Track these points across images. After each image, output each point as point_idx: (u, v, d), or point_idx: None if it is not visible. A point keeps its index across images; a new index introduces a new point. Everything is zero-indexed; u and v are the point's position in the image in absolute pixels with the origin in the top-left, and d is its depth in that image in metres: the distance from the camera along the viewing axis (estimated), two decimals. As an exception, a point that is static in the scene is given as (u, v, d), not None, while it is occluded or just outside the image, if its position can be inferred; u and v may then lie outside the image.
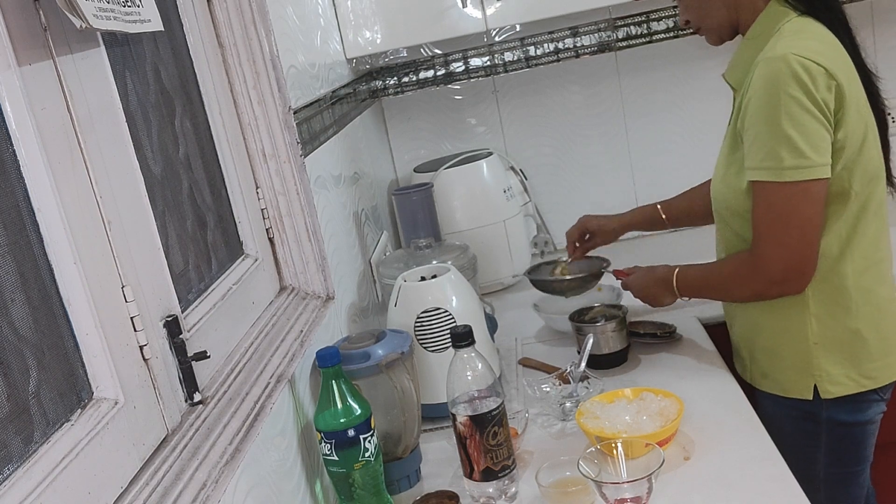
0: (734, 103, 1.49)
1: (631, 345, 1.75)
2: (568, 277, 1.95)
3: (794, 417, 1.51)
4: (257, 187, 1.43)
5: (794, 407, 1.50)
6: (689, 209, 1.85)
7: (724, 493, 1.24)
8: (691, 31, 1.55)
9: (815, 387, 1.46)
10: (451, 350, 1.32)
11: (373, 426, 1.25)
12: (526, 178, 2.53)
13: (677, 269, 1.59)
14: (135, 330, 0.94)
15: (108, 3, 0.88)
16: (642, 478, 1.16)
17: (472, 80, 2.54)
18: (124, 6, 0.92)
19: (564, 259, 2.01)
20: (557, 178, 2.61)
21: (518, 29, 2.49)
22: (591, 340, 1.64)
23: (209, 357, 1.06)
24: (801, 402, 1.49)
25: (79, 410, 0.86)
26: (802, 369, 1.47)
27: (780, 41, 1.36)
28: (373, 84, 2.48)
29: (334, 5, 2.16)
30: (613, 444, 1.25)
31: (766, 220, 1.38)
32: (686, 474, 1.29)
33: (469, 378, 1.30)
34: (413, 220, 2.00)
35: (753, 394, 1.58)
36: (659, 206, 1.89)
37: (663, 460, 1.19)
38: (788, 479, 1.25)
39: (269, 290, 1.42)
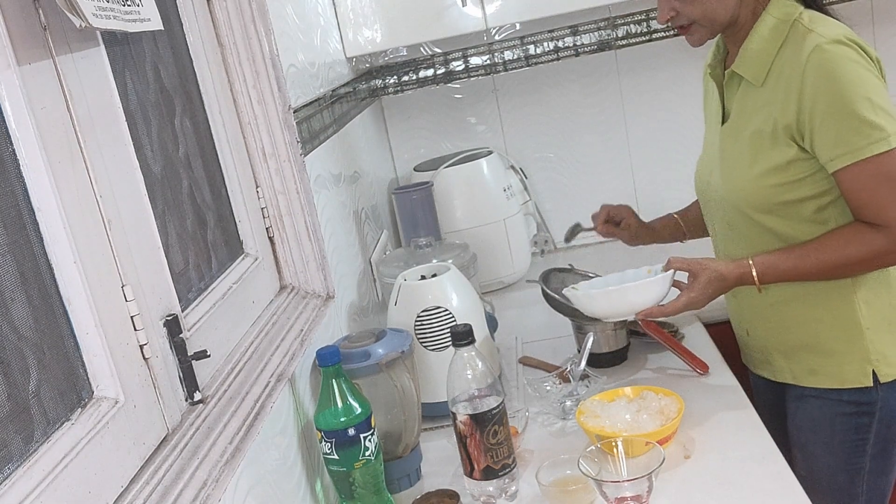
0: (744, 98, 1.45)
1: (631, 343, 1.75)
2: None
3: (847, 414, 1.48)
4: (257, 186, 1.43)
5: (848, 400, 1.47)
6: (701, 218, 1.75)
7: (725, 491, 1.24)
8: (676, 26, 1.47)
9: (874, 372, 1.44)
10: (452, 349, 1.32)
11: (373, 425, 1.25)
12: (526, 177, 2.53)
13: (754, 264, 1.42)
14: (135, 329, 0.94)
15: (108, 2, 0.88)
16: (642, 476, 1.17)
17: (471, 78, 2.53)
18: (124, 5, 0.92)
19: (587, 226, 1.91)
20: (557, 176, 2.61)
21: (518, 27, 2.48)
22: (591, 339, 1.64)
23: (209, 356, 1.06)
24: (856, 391, 1.46)
25: (79, 410, 0.86)
26: (858, 356, 1.45)
27: (816, 29, 1.36)
28: (372, 83, 2.48)
29: (334, 4, 2.16)
30: (614, 443, 1.25)
31: (887, 190, 1.33)
32: (686, 473, 1.29)
33: (469, 377, 1.30)
34: (413, 218, 2.00)
35: (784, 398, 1.56)
36: (677, 217, 1.82)
37: (663, 459, 1.19)
38: (789, 477, 1.25)
39: (269, 290, 1.42)
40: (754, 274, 1.42)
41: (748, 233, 1.50)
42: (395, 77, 2.52)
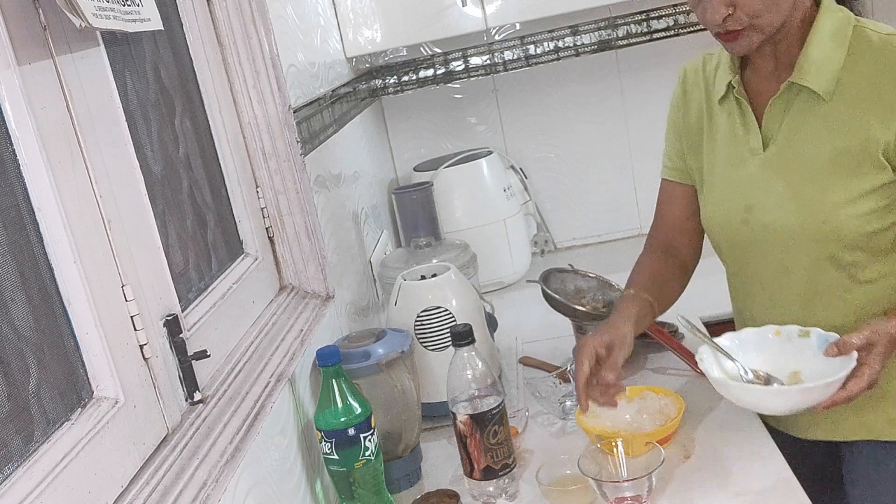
0: (804, 115, 1.27)
1: (631, 343, 1.74)
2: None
3: None
4: (257, 186, 1.43)
5: None
6: (662, 289, 1.47)
7: (725, 491, 1.24)
8: (726, 31, 1.23)
9: None
10: (452, 349, 1.32)
11: (373, 425, 1.25)
12: (526, 177, 2.53)
13: None
14: (135, 329, 0.94)
15: (108, 2, 0.88)
16: (642, 476, 1.16)
17: (471, 78, 2.53)
18: (124, 5, 0.92)
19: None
20: (557, 176, 2.60)
21: (518, 27, 2.48)
22: (591, 339, 1.64)
23: (209, 356, 1.06)
24: None
25: (79, 410, 0.86)
26: None
27: (889, 31, 1.24)
28: (372, 83, 2.48)
29: (334, 4, 2.16)
30: (613, 443, 1.25)
31: None
32: (686, 473, 1.29)
33: (469, 377, 1.30)
34: (413, 218, 2.00)
35: (838, 457, 1.41)
36: (641, 293, 1.43)
37: (663, 459, 1.19)
38: (789, 477, 1.25)
39: (268, 290, 1.42)
40: None
41: (822, 276, 1.29)
42: (395, 77, 2.52)
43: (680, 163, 1.50)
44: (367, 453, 1.24)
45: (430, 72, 2.52)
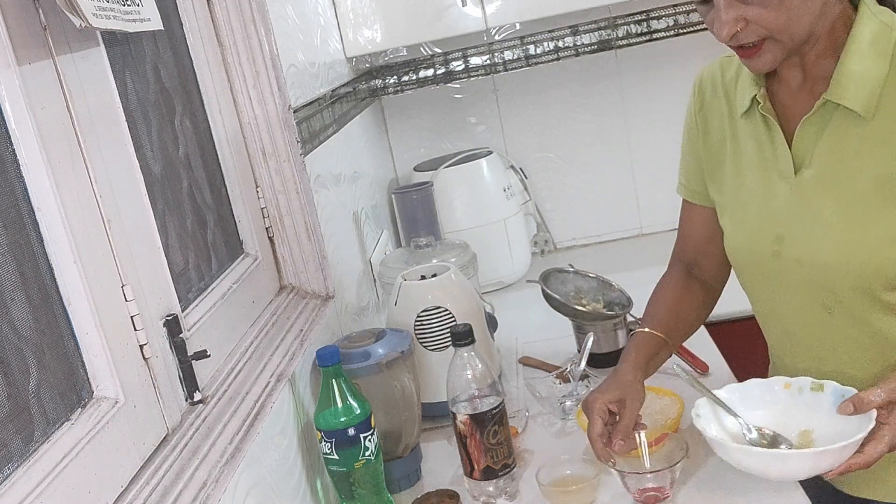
0: (841, 136, 1.11)
1: (631, 343, 1.74)
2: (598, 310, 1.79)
3: None
4: (257, 186, 1.43)
5: None
6: (680, 324, 1.38)
7: (725, 491, 1.24)
8: (740, 45, 1.09)
9: None
10: (452, 349, 1.32)
11: (373, 425, 1.25)
12: (526, 177, 2.53)
13: None
14: (135, 329, 0.94)
15: (108, 1, 0.88)
16: (665, 468, 1.16)
17: (471, 78, 2.53)
18: (124, 5, 0.92)
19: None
20: (557, 176, 2.60)
21: (518, 27, 2.48)
22: (591, 339, 1.64)
23: (209, 356, 1.06)
24: None
25: (79, 410, 0.86)
26: None
27: None
28: (372, 83, 2.48)
29: (334, 4, 2.16)
30: (636, 434, 1.19)
31: None
32: (686, 473, 1.29)
33: (469, 377, 1.30)
34: (413, 218, 2.00)
35: None
36: (654, 332, 1.34)
37: (687, 450, 1.16)
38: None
39: (268, 290, 1.42)
40: None
41: (868, 317, 1.13)
42: (395, 77, 2.52)
43: (698, 186, 1.35)
44: (367, 453, 1.24)
45: (430, 72, 2.52)
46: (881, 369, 1.14)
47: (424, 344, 1.57)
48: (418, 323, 1.56)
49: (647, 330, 1.34)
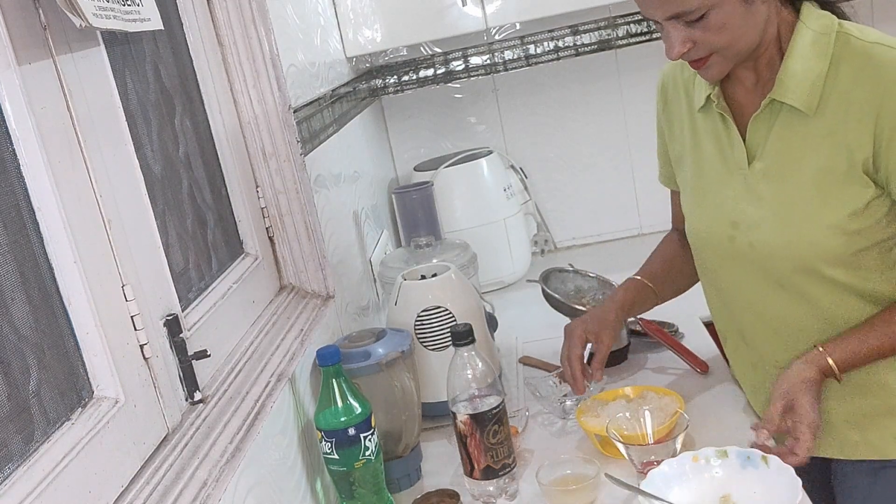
0: (787, 131, 1.21)
1: (631, 343, 1.74)
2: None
3: None
4: (257, 186, 1.43)
5: None
6: (671, 277, 1.53)
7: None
8: (691, 60, 1.23)
9: None
10: (452, 349, 1.32)
11: (373, 425, 1.25)
12: (526, 177, 2.53)
13: (832, 360, 1.22)
14: (135, 329, 0.94)
15: (108, 1, 0.88)
16: (668, 440, 1.19)
17: (471, 78, 2.53)
18: (124, 5, 0.92)
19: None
20: (557, 176, 2.60)
21: (518, 27, 2.48)
22: (591, 339, 1.64)
23: (209, 356, 1.06)
24: None
25: (79, 409, 0.86)
26: None
27: (883, 41, 1.16)
28: (373, 83, 2.48)
29: (334, 4, 2.16)
30: (641, 413, 1.30)
31: None
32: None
33: (469, 376, 1.30)
34: (413, 218, 2.00)
35: (832, 475, 1.37)
36: (644, 280, 1.52)
37: (687, 424, 1.23)
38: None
39: (269, 289, 1.42)
40: (832, 366, 1.21)
41: (814, 292, 1.25)
42: (395, 77, 2.52)
43: (671, 173, 1.50)
44: (367, 453, 1.24)
45: (430, 71, 2.52)
46: (823, 333, 1.26)
47: (424, 344, 1.57)
48: (418, 323, 1.56)
49: (638, 278, 1.52)
